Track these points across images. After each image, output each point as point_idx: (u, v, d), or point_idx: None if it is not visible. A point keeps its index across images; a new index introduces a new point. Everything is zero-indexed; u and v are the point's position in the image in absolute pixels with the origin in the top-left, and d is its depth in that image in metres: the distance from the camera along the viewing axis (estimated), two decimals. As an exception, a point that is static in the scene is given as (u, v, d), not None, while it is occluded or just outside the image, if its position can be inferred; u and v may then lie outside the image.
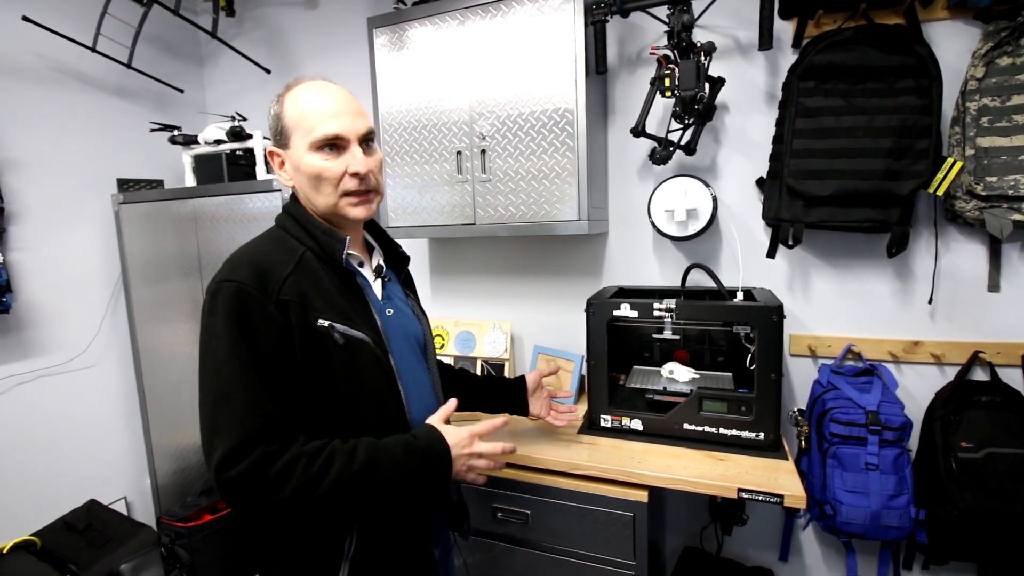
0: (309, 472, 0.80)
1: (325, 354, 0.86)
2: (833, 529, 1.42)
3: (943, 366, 1.53)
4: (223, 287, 0.83)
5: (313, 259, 0.91)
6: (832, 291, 1.62)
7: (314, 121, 0.88)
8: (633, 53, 1.74)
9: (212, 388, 0.81)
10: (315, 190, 0.91)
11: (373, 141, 0.96)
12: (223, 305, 0.82)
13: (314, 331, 0.85)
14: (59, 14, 1.95)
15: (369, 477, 0.83)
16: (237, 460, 0.77)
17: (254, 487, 0.78)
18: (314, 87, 0.92)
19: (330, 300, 0.88)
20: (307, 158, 0.89)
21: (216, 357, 0.81)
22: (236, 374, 0.80)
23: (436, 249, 2.12)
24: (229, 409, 0.79)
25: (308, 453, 0.81)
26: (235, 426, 0.78)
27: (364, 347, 0.89)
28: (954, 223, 1.47)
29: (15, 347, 1.90)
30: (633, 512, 1.28)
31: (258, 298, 0.82)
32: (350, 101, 0.92)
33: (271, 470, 0.78)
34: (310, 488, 0.79)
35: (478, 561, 1.47)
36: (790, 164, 1.45)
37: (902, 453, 1.36)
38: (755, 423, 1.34)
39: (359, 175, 0.90)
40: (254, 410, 0.79)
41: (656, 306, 1.40)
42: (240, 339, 0.80)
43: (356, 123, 0.91)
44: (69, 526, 1.87)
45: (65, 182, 2.03)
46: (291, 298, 0.84)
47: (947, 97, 1.37)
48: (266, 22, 2.32)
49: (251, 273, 0.84)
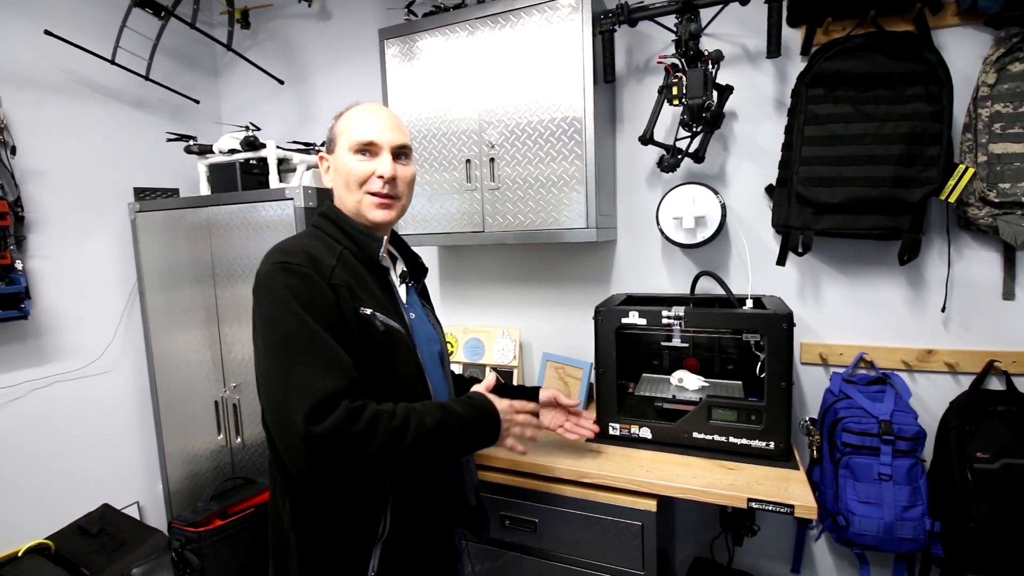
0: (392, 427, 0.84)
1: (369, 339, 0.92)
2: (846, 540, 1.40)
3: (957, 375, 1.51)
4: (279, 267, 0.87)
5: (351, 257, 0.97)
6: (843, 299, 1.60)
7: (355, 129, 1.00)
8: (641, 62, 1.75)
9: (281, 356, 0.83)
10: (346, 188, 1.00)
11: (408, 157, 1.05)
12: (283, 283, 0.86)
13: (359, 316, 0.91)
14: (80, 28, 2.00)
15: (442, 433, 0.90)
16: (323, 415, 0.79)
17: (342, 443, 0.80)
18: (367, 106, 1.04)
19: (370, 292, 0.95)
20: (343, 158, 1.00)
21: (283, 327, 0.84)
22: (308, 339, 0.83)
23: (446, 257, 2.14)
24: (306, 370, 0.81)
25: (386, 412, 0.85)
26: (313, 383, 0.80)
27: (400, 337, 0.96)
28: (967, 230, 1.45)
29: (33, 353, 1.94)
30: (641, 521, 1.27)
31: (315, 276, 0.88)
32: (392, 119, 1.03)
33: (356, 426, 0.81)
34: (394, 444, 0.84)
35: (486, 569, 1.46)
36: (799, 171, 1.45)
37: (916, 463, 1.34)
38: (765, 432, 1.32)
39: (383, 178, 0.99)
40: (333, 368, 0.83)
41: (664, 314, 1.40)
42: (306, 308, 0.85)
43: (392, 135, 1.01)
44: (82, 530, 1.89)
45: (84, 191, 2.08)
46: (340, 283, 0.90)
47: (958, 103, 1.36)
48: (280, 34, 2.37)
49: (304, 258, 0.89)
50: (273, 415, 0.83)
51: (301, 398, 0.79)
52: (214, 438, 2.04)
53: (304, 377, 0.81)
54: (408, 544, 0.97)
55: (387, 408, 0.86)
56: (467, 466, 1.14)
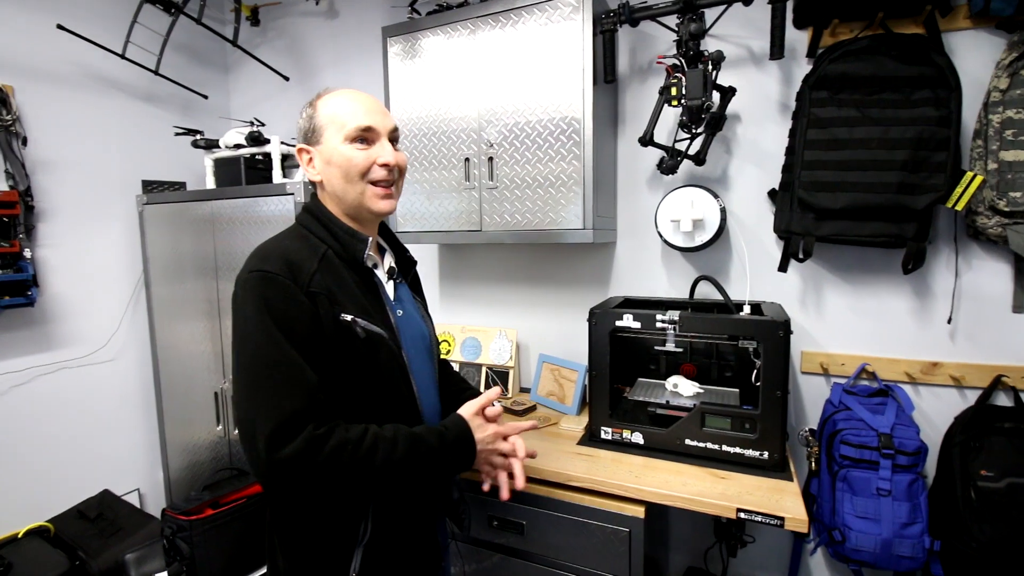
0: (356, 457, 0.82)
1: (349, 346, 0.90)
2: (842, 556, 1.36)
3: (963, 389, 1.46)
4: (256, 276, 0.86)
5: (335, 258, 0.94)
6: (846, 307, 1.56)
7: (347, 117, 0.95)
8: (644, 62, 1.73)
9: (251, 371, 0.83)
10: (345, 180, 0.95)
11: (398, 141, 1.02)
12: (257, 292, 0.85)
13: (339, 324, 0.89)
14: (92, 22, 2.05)
15: (409, 465, 0.88)
16: (285, 439, 0.79)
17: (303, 471, 0.79)
18: (347, 92, 0.99)
19: (352, 297, 0.92)
20: (340, 148, 0.94)
21: (254, 341, 0.83)
22: (276, 355, 0.82)
23: (445, 255, 2.13)
24: (271, 390, 0.81)
25: (353, 440, 0.83)
26: (278, 404, 0.80)
27: (382, 342, 0.93)
28: (976, 240, 1.40)
29: (39, 339, 1.98)
30: (629, 528, 1.25)
31: (291, 286, 0.86)
32: (378, 103, 1.00)
33: (320, 454, 0.80)
34: (357, 474, 0.83)
35: (473, 570, 1.45)
36: (801, 176, 1.41)
37: (917, 479, 1.30)
38: (759, 441, 1.29)
39: (388, 166, 0.96)
40: (297, 389, 0.82)
41: (659, 317, 1.37)
42: (277, 323, 0.83)
43: (386, 120, 0.98)
44: (82, 514, 1.92)
45: (93, 182, 2.12)
46: (319, 291, 0.88)
47: (969, 109, 1.32)
48: (288, 31, 2.39)
49: (283, 265, 0.87)
50: (240, 430, 0.83)
51: (265, 419, 0.79)
52: (213, 429, 2.07)
53: (269, 397, 0.80)
54: (390, 544, 0.97)
55: (354, 436, 0.84)
56: None
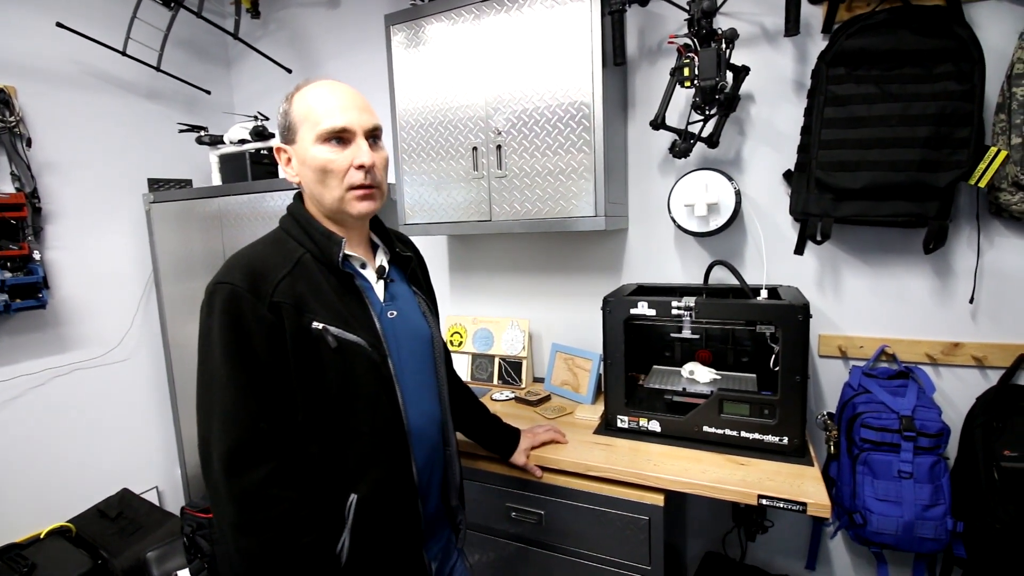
0: (285, 545, 0.81)
1: (319, 358, 0.85)
2: (863, 539, 1.36)
3: (986, 369, 1.44)
4: (217, 289, 0.84)
5: (312, 261, 0.90)
6: (865, 289, 1.54)
7: (320, 114, 0.88)
8: (654, 43, 1.69)
9: (206, 390, 0.83)
10: (321, 183, 0.90)
11: (379, 138, 0.95)
12: (217, 307, 0.83)
13: (308, 334, 0.85)
14: (91, 19, 2.02)
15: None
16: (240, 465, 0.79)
17: (243, 510, 0.80)
18: (322, 84, 0.92)
19: (326, 303, 0.87)
20: (313, 150, 0.88)
21: (211, 359, 0.83)
22: (227, 379, 0.81)
23: (455, 246, 2.12)
24: (220, 415, 0.81)
25: (294, 531, 0.82)
26: (227, 433, 0.80)
27: (359, 351, 0.88)
28: (999, 217, 1.37)
29: (53, 341, 1.99)
30: (648, 516, 1.25)
31: (250, 300, 0.82)
32: (357, 97, 0.92)
33: (260, 514, 0.80)
34: (274, 552, 0.81)
35: (491, 560, 1.45)
36: (819, 155, 1.38)
37: (939, 461, 1.29)
38: (779, 427, 1.28)
39: (364, 167, 0.89)
40: (240, 414, 0.81)
41: (675, 304, 1.35)
42: (232, 342, 0.81)
43: (362, 117, 0.90)
44: (102, 514, 1.94)
45: (99, 182, 2.11)
46: (284, 300, 0.84)
47: (991, 82, 1.28)
48: (289, 23, 2.36)
49: (245, 275, 0.84)
50: (198, 440, 0.84)
51: (219, 439, 0.80)
52: (228, 426, 2.07)
53: (218, 423, 0.80)
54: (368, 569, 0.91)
55: (302, 526, 0.82)
56: (451, 468, 1.09)
